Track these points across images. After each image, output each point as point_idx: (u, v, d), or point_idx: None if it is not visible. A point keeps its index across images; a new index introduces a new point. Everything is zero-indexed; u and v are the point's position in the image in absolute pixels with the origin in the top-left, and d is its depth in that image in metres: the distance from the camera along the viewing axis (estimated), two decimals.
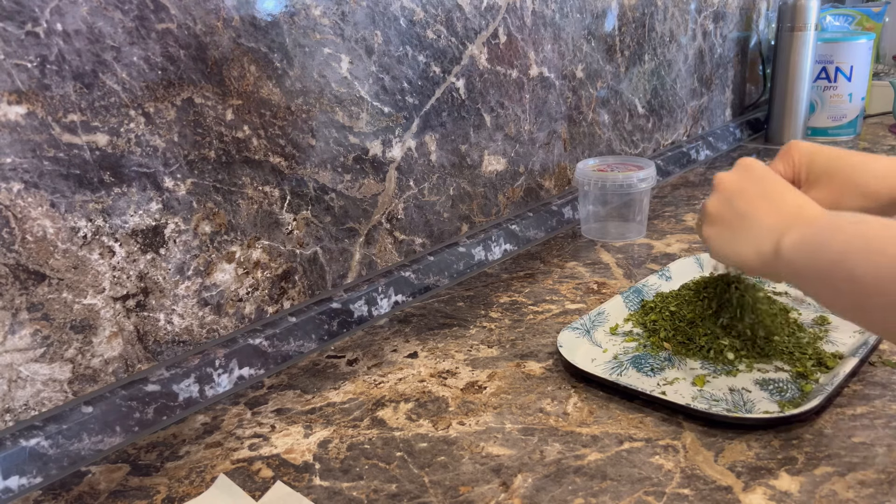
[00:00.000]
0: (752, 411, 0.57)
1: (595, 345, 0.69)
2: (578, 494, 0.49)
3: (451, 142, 0.85)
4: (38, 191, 0.52)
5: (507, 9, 0.88)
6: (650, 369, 0.64)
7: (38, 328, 0.54)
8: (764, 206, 0.53)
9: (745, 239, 0.53)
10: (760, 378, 0.62)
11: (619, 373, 0.64)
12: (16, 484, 0.53)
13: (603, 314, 0.73)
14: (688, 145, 1.36)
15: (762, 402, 0.58)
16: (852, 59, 1.41)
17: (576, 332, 0.69)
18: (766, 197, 0.54)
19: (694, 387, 0.61)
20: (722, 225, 0.56)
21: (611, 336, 0.71)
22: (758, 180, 0.55)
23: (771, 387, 0.60)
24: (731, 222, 0.55)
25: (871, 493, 0.47)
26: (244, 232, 0.66)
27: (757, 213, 0.53)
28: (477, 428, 0.58)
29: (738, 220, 0.54)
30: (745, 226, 0.54)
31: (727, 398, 0.59)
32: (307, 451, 0.56)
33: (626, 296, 0.76)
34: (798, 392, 0.59)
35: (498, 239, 0.94)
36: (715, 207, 0.57)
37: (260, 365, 0.68)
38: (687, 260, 0.83)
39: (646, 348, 0.68)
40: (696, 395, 0.60)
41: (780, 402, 0.58)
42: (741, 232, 0.54)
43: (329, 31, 0.69)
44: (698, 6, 1.30)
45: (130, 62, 0.55)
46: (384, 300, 0.80)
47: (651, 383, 0.62)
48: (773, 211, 0.52)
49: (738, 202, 0.55)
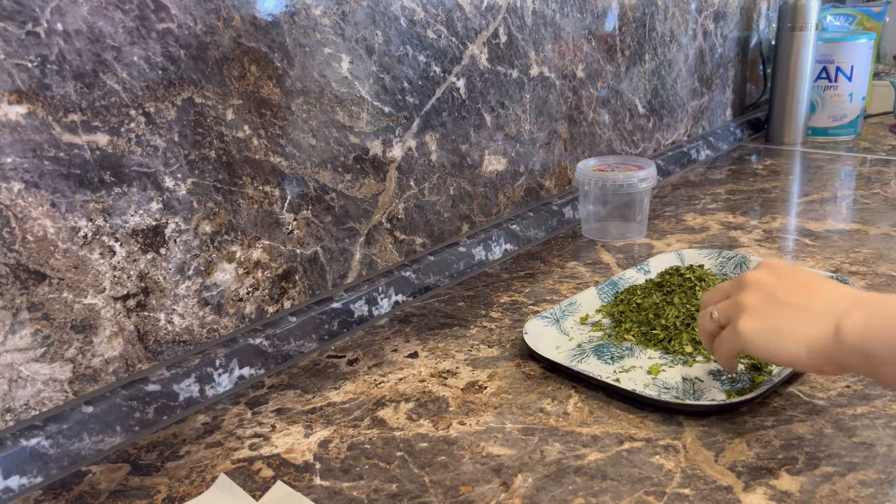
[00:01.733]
0: (699, 399, 0.58)
1: (562, 333, 0.71)
2: (579, 494, 0.49)
3: (451, 141, 0.85)
4: (38, 190, 0.52)
5: (508, 9, 0.88)
6: (610, 357, 0.66)
7: (39, 328, 0.54)
8: (810, 293, 0.50)
9: (795, 327, 0.49)
10: (716, 369, 0.63)
11: (579, 360, 0.66)
12: (16, 483, 0.53)
13: (574, 304, 0.75)
14: (688, 145, 1.36)
15: (711, 392, 0.60)
16: (853, 58, 1.41)
17: (545, 320, 0.71)
18: (810, 285, 0.51)
19: (648, 375, 0.63)
20: (765, 317, 0.51)
21: (580, 326, 0.73)
22: (794, 272, 0.53)
23: (724, 377, 0.62)
24: (774, 313, 0.51)
25: (872, 493, 0.47)
26: (244, 232, 0.66)
27: (805, 301, 0.50)
28: (477, 428, 0.58)
29: (783, 310, 0.50)
30: (793, 314, 0.50)
31: (678, 386, 0.61)
32: (307, 450, 0.56)
33: (601, 287, 0.78)
34: (749, 383, 0.60)
35: (498, 239, 0.94)
36: (753, 300, 0.52)
37: (260, 365, 0.68)
38: (668, 255, 0.84)
39: (610, 338, 0.70)
40: (649, 383, 0.61)
41: (728, 391, 0.59)
42: (789, 321, 0.50)
43: (329, 30, 0.69)
44: (699, 6, 1.30)
45: (131, 62, 0.55)
46: (384, 300, 0.80)
47: (608, 370, 0.64)
48: (823, 297, 0.50)
49: (779, 293, 0.51)
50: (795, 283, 0.52)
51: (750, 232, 0.97)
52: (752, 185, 1.20)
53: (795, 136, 1.44)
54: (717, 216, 1.05)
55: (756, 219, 1.03)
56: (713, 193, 1.17)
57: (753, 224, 1.00)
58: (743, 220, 1.02)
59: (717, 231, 0.98)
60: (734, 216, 1.04)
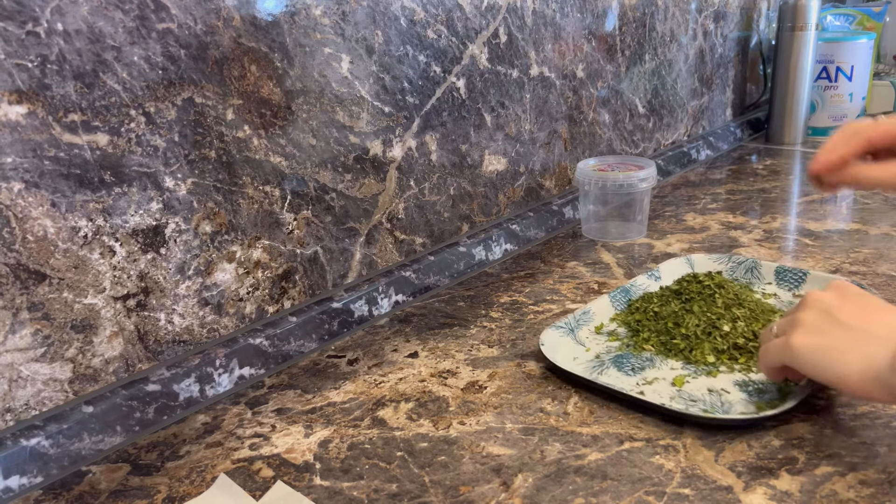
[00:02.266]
0: (729, 412, 0.57)
1: (578, 343, 0.69)
2: (579, 494, 0.49)
3: (451, 141, 0.85)
4: (38, 190, 0.52)
5: (508, 8, 0.88)
6: (631, 369, 0.64)
7: (39, 328, 0.54)
8: (872, 316, 0.50)
9: (851, 351, 0.48)
10: (741, 379, 0.61)
11: (599, 371, 0.64)
12: (16, 483, 0.53)
13: (588, 313, 0.73)
14: (688, 145, 1.36)
15: (740, 404, 0.58)
16: (853, 58, 1.41)
17: (560, 330, 0.69)
18: (874, 309, 0.51)
19: (673, 387, 0.61)
20: (822, 336, 0.50)
21: (595, 335, 0.71)
22: (858, 295, 0.53)
23: (751, 388, 0.60)
24: (830, 332, 0.50)
25: (872, 493, 0.47)
26: (245, 232, 0.66)
27: (864, 324, 0.49)
28: (477, 428, 0.58)
29: (840, 330, 0.50)
30: (850, 335, 0.49)
31: (705, 399, 0.59)
32: (308, 450, 0.56)
33: (614, 295, 0.76)
34: (777, 394, 0.58)
35: (498, 239, 0.94)
36: (812, 317, 0.52)
37: (260, 364, 0.68)
38: (678, 260, 0.83)
39: (629, 348, 0.68)
40: (674, 396, 0.59)
41: (757, 403, 0.57)
42: (847, 343, 0.49)
43: (329, 30, 0.69)
44: (699, 6, 1.30)
45: (131, 62, 0.55)
46: (385, 300, 0.80)
47: (630, 383, 0.62)
48: (885, 322, 0.49)
49: (840, 315, 0.51)
50: (859, 307, 0.51)
51: (750, 232, 0.97)
52: (752, 184, 1.20)
53: (795, 136, 1.44)
54: (718, 216, 1.05)
55: (756, 219, 1.03)
56: (713, 193, 1.17)
57: (753, 224, 1.00)
58: (743, 220, 1.02)
59: (718, 231, 0.98)
60: (734, 216, 1.04)
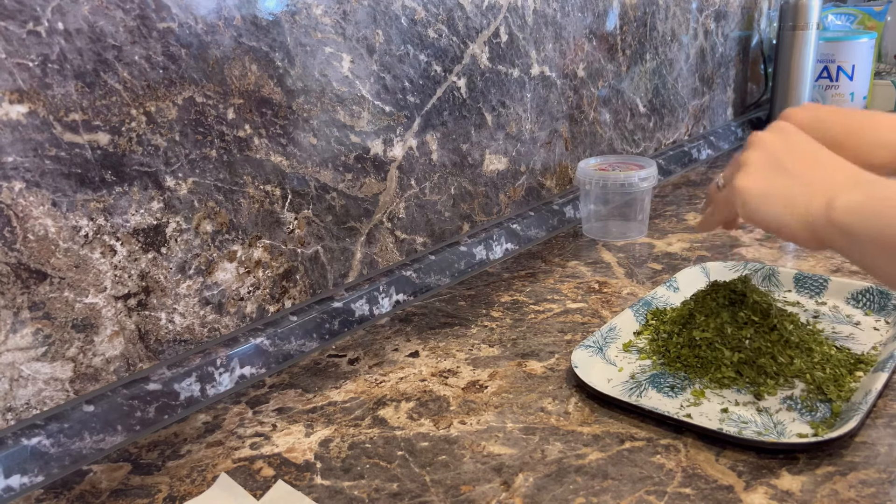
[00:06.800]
0: (783, 434, 0.54)
1: (609, 363, 0.66)
2: (580, 494, 0.49)
3: (452, 141, 0.85)
4: (39, 190, 0.52)
5: (509, 8, 0.88)
6: (670, 388, 0.61)
7: (40, 327, 0.54)
8: (814, 165, 0.49)
9: (790, 196, 0.48)
10: (786, 395, 0.58)
11: (638, 394, 0.61)
12: (17, 483, 0.53)
13: (615, 330, 0.70)
14: (689, 144, 1.35)
15: (793, 424, 0.55)
16: (854, 58, 1.41)
17: (588, 350, 0.66)
18: (816, 157, 0.49)
19: (719, 408, 0.58)
20: (764, 179, 0.50)
21: (624, 353, 0.68)
22: (803, 140, 0.51)
23: (799, 406, 0.57)
24: (774, 177, 0.49)
25: (873, 493, 0.47)
26: (245, 231, 0.66)
27: (806, 171, 0.48)
28: (478, 427, 0.58)
29: (784, 176, 0.49)
30: (792, 183, 0.48)
31: (755, 419, 0.56)
32: (308, 450, 0.56)
33: (636, 308, 0.73)
34: (829, 412, 0.56)
35: (499, 238, 0.94)
36: (757, 160, 0.51)
37: (261, 364, 0.68)
38: (693, 269, 0.81)
39: (662, 366, 0.65)
40: (724, 418, 0.56)
41: (811, 422, 0.55)
42: (786, 188, 0.48)
43: (330, 30, 0.69)
44: (700, 5, 1.30)
45: (132, 61, 0.55)
46: (385, 299, 0.80)
47: (674, 405, 0.59)
48: (826, 171, 0.48)
49: (784, 158, 0.50)
50: (801, 151, 0.50)
51: (751, 231, 0.97)
52: None
53: None
54: None
55: None
56: None
57: None
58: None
59: (718, 231, 0.98)
60: None
